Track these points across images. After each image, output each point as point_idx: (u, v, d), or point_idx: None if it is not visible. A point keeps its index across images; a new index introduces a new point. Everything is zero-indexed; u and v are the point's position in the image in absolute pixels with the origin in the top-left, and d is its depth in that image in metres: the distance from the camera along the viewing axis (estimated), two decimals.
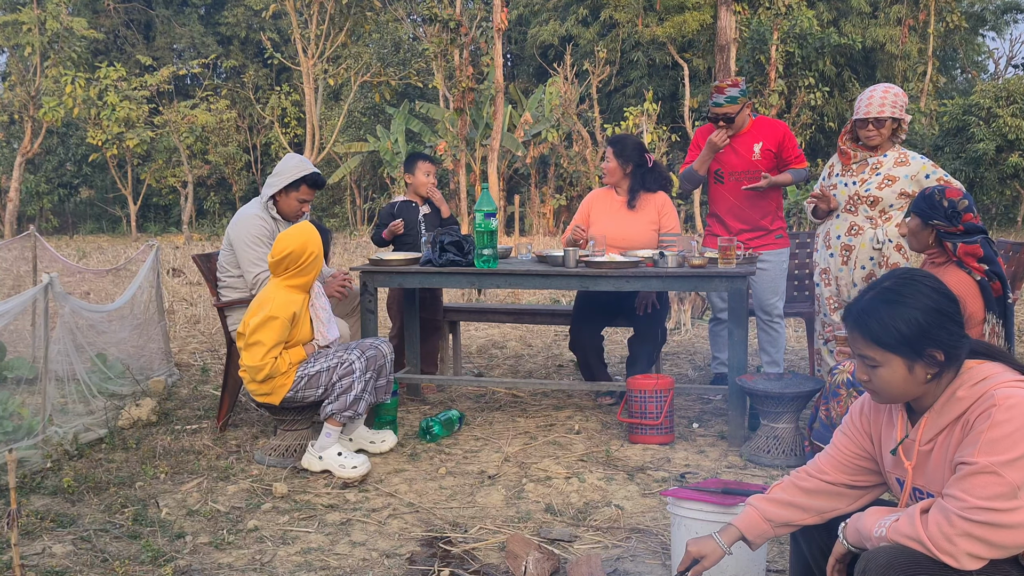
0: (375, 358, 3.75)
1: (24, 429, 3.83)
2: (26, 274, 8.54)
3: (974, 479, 1.65)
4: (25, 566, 2.67)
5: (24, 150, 20.95)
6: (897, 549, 1.71)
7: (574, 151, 21.42)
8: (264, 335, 3.55)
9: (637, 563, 2.78)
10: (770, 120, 4.69)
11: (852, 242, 4.10)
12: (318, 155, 20.43)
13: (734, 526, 2.03)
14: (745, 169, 4.54)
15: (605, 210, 4.69)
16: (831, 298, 4.15)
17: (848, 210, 4.13)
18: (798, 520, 2.01)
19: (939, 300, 1.80)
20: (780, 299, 4.66)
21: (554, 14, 26.24)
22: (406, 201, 5.05)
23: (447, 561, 2.79)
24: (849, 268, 4.11)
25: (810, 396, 3.75)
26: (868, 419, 1.98)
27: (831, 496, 1.99)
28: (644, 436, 4.01)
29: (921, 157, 4.08)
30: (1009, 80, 19.06)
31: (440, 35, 18.51)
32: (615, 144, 4.67)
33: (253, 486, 3.51)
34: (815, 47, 20.05)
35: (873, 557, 1.72)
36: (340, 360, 3.65)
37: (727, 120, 4.49)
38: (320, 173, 4.33)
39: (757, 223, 4.57)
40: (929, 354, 1.76)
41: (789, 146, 4.54)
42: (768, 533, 2.02)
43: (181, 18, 29.08)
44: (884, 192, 4.03)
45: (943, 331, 1.76)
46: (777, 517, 2.01)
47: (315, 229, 3.68)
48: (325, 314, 3.78)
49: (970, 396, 1.75)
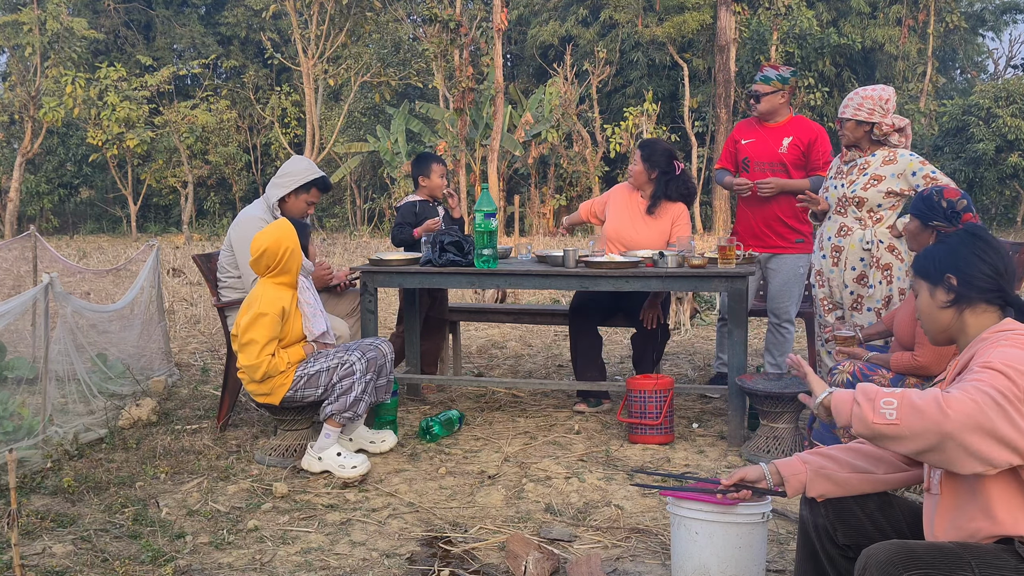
0: (376, 359, 3.75)
1: (24, 429, 3.83)
2: (26, 274, 8.54)
3: (986, 372, 1.70)
4: (25, 566, 2.68)
5: (24, 150, 20.96)
6: (897, 545, 1.72)
7: (574, 151, 21.43)
8: (256, 333, 3.55)
9: (637, 563, 2.79)
10: (809, 121, 4.68)
11: (842, 243, 4.07)
12: (318, 155, 20.44)
13: (773, 463, 2.11)
14: (770, 160, 4.54)
15: (624, 207, 4.67)
16: (824, 299, 4.14)
17: (838, 211, 4.11)
18: (832, 469, 2.04)
19: (968, 238, 1.97)
20: (793, 304, 4.65)
21: (554, 14, 26.25)
22: (424, 201, 4.99)
23: (447, 561, 2.80)
24: (840, 269, 4.08)
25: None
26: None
27: (870, 459, 2.04)
28: (644, 436, 4.01)
29: (909, 154, 3.97)
30: (1008, 80, 19.08)
31: (440, 35, 18.52)
32: (644, 148, 4.66)
33: (253, 486, 3.51)
34: (815, 47, 20.07)
35: (873, 554, 1.73)
36: (341, 361, 3.65)
37: (755, 99, 4.52)
38: (328, 177, 4.38)
39: (777, 222, 4.56)
40: (946, 279, 1.92)
41: (820, 150, 4.51)
42: (801, 475, 2.05)
43: (181, 18, 29.08)
44: (869, 192, 3.96)
45: (962, 260, 1.93)
46: (814, 461, 2.06)
47: (288, 224, 3.69)
48: (310, 309, 3.78)
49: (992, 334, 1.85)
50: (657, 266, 4.08)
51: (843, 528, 2.02)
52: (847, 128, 3.99)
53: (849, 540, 2.02)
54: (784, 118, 4.61)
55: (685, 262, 4.05)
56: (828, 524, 2.04)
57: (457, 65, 18.42)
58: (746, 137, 4.67)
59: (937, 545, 1.74)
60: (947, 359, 3.13)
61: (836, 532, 2.02)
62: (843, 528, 2.02)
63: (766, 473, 2.11)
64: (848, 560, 2.03)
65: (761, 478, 2.12)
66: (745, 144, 4.65)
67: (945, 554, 1.70)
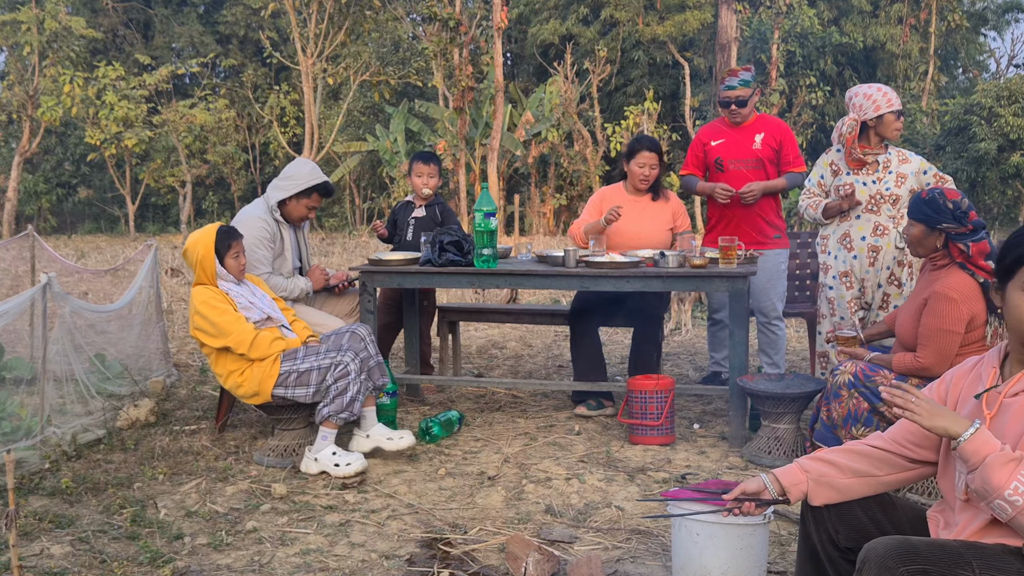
0: (366, 359, 3.77)
1: (22, 430, 3.82)
2: (24, 274, 8.52)
3: None
4: (23, 567, 2.66)
5: (22, 150, 20.94)
6: (897, 540, 1.70)
7: (574, 151, 21.40)
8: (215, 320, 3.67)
9: (637, 564, 2.77)
10: (773, 118, 4.74)
11: (879, 243, 4.07)
12: (317, 154, 20.41)
13: (773, 473, 2.07)
14: (745, 158, 4.55)
15: (627, 206, 4.65)
16: (853, 301, 4.12)
17: (870, 210, 4.10)
18: (832, 476, 2.00)
19: None
20: (779, 300, 4.64)
21: (554, 13, 26.21)
22: (408, 202, 5.04)
23: (446, 562, 2.78)
24: (875, 269, 4.08)
25: (811, 397, 3.73)
26: (949, 384, 1.99)
27: (872, 460, 2.00)
28: (644, 437, 3.99)
29: (917, 155, 4.17)
30: (1010, 79, 19.04)
31: (440, 34, 18.49)
32: (657, 146, 4.66)
33: (252, 487, 3.49)
34: (816, 46, 20.06)
35: (873, 548, 1.71)
36: (334, 362, 3.64)
37: (739, 104, 4.51)
38: (330, 181, 4.36)
39: (755, 218, 4.56)
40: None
41: (789, 146, 4.55)
42: (802, 485, 2.02)
43: (180, 17, 29.04)
44: (902, 190, 4.06)
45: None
46: (814, 469, 2.02)
47: (206, 232, 3.81)
48: (243, 300, 3.80)
49: None
50: (658, 266, 4.07)
51: (845, 531, 2.00)
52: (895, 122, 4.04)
53: (851, 543, 1.99)
54: (752, 117, 4.63)
55: (686, 262, 4.04)
56: (830, 527, 2.01)
57: (457, 64, 18.39)
58: (715, 138, 4.66)
59: (939, 542, 1.72)
60: (949, 360, 3.12)
61: (838, 535, 2.00)
62: (845, 531, 2.00)
63: (767, 483, 2.07)
64: (849, 563, 2.01)
65: (762, 488, 2.08)
66: (716, 145, 4.64)
67: (947, 552, 1.68)
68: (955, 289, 3.09)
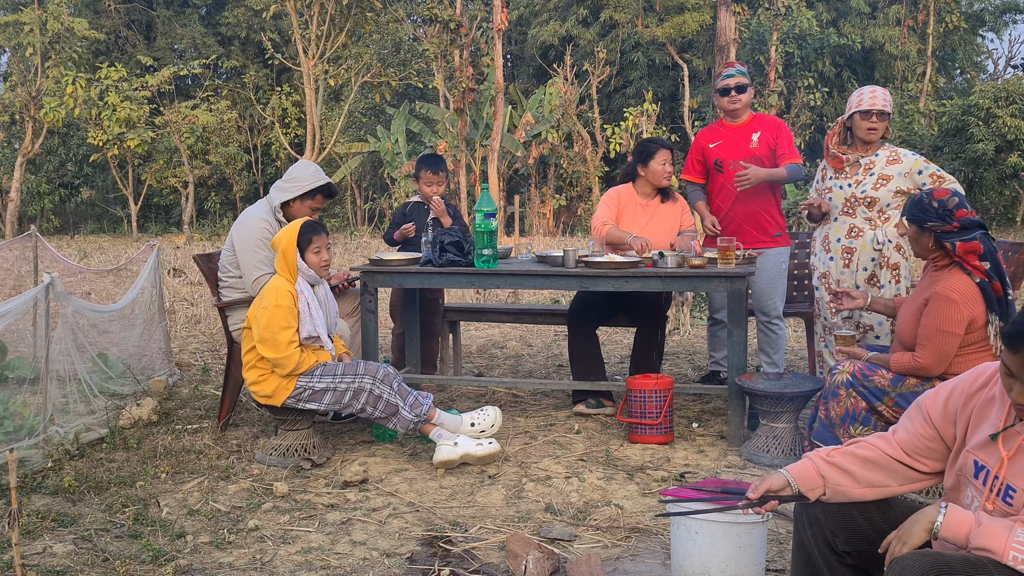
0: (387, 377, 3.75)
1: (25, 429, 3.84)
2: (27, 274, 8.54)
3: None
4: (26, 566, 2.68)
5: (25, 150, 20.96)
6: (932, 556, 1.69)
7: (574, 151, 21.42)
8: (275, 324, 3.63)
9: (637, 563, 2.79)
10: (768, 116, 4.80)
11: (853, 244, 4.09)
12: (318, 155, 20.42)
13: (790, 472, 2.04)
14: (743, 158, 4.57)
15: (638, 208, 4.68)
16: (831, 303, 4.15)
17: (846, 212, 4.13)
18: (847, 486, 2.00)
19: None
20: (780, 300, 4.65)
21: (554, 15, 26.24)
22: (418, 203, 5.03)
23: (447, 560, 2.80)
24: (851, 271, 4.10)
25: (810, 396, 3.75)
26: (958, 402, 1.95)
27: (886, 471, 2.00)
28: (644, 436, 4.01)
29: (912, 154, 4.10)
30: (1008, 80, 19.06)
31: (440, 36, 18.51)
32: (672, 146, 4.74)
33: (254, 486, 3.51)
34: (814, 47, 20.07)
35: (908, 565, 1.70)
36: (352, 388, 3.66)
37: (739, 89, 4.57)
38: (334, 183, 4.39)
39: (757, 216, 4.58)
40: None
41: (784, 140, 4.58)
42: (819, 490, 2.01)
43: (182, 19, 29.05)
44: (880, 192, 4.03)
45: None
46: (831, 477, 2.01)
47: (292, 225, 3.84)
48: (305, 310, 3.75)
49: None
50: (657, 266, 4.09)
51: (844, 535, 1.99)
52: (886, 121, 4.06)
53: (850, 547, 1.99)
54: (747, 116, 4.67)
55: (685, 262, 4.06)
56: (828, 532, 2.01)
57: (457, 65, 18.41)
58: (713, 140, 4.70)
59: (969, 558, 1.71)
60: (948, 361, 3.14)
61: (836, 539, 2.00)
62: (844, 535, 1.99)
63: (790, 480, 2.03)
64: (847, 567, 2.01)
65: (786, 486, 2.03)
66: (714, 147, 4.68)
67: (978, 568, 1.68)
68: (956, 290, 3.10)
